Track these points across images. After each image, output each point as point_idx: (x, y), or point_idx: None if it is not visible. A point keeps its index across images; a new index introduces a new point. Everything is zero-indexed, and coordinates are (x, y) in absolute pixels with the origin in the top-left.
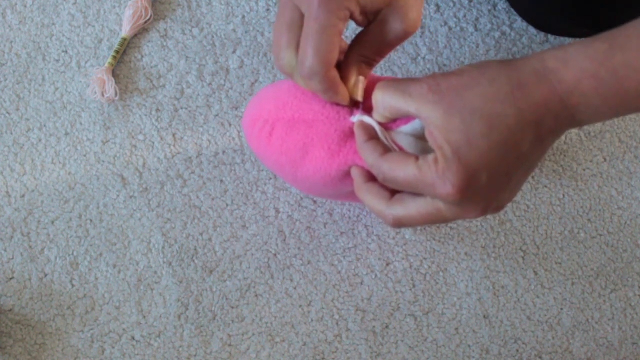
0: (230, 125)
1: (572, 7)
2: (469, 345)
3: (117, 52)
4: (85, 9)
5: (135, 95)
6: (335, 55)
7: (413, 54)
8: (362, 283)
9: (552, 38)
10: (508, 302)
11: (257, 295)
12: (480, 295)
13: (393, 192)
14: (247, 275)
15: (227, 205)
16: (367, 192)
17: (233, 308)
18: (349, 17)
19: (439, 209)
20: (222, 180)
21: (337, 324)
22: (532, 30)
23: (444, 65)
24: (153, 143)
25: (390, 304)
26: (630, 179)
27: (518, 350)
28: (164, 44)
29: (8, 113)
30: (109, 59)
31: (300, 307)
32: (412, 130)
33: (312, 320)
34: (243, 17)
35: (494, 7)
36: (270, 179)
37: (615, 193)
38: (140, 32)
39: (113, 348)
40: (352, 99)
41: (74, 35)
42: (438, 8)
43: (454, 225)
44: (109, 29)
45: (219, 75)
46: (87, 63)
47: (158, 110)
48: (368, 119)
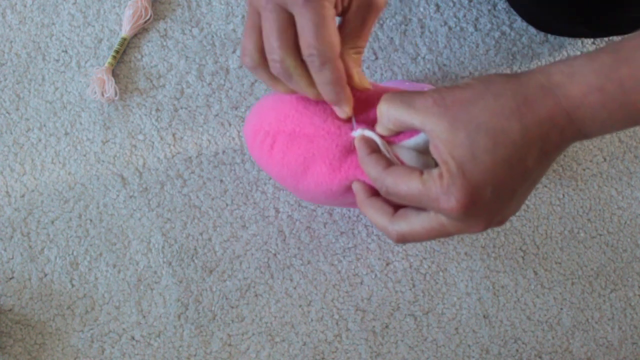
0: (230, 125)
1: (572, 7)
2: (469, 345)
3: (117, 52)
4: (85, 9)
5: (135, 95)
6: (339, 40)
7: (413, 54)
8: (362, 283)
9: (552, 38)
10: (508, 302)
11: (257, 295)
12: (480, 295)
13: (396, 207)
14: (247, 275)
15: (227, 205)
16: (370, 207)
17: (233, 308)
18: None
19: (443, 224)
20: (222, 180)
21: (337, 324)
22: (532, 30)
23: (444, 65)
24: (153, 143)
25: (390, 304)
26: (630, 179)
27: (518, 350)
28: (164, 44)
29: (8, 113)
30: (109, 59)
31: (300, 307)
32: (414, 145)
33: (312, 320)
34: (243, 17)
35: (494, 7)
36: (271, 179)
37: (615, 193)
38: (140, 32)
39: (113, 348)
40: (351, 111)
41: (74, 35)
42: (438, 8)
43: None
44: (109, 29)
45: (219, 75)
46: (87, 63)
47: (158, 110)
48: (370, 133)
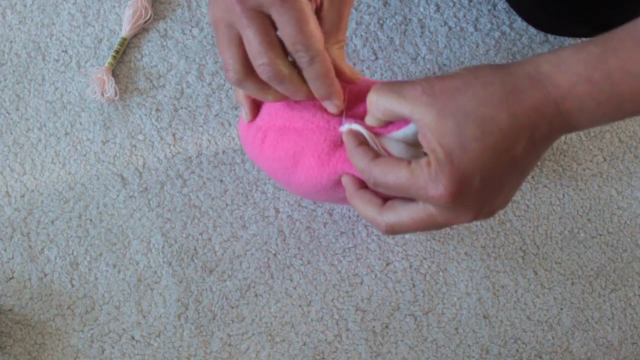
0: (230, 125)
1: (572, 7)
2: (469, 345)
3: (117, 52)
4: (85, 9)
5: (135, 95)
6: (322, 34)
7: (413, 54)
8: (362, 283)
9: (552, 38)
10: (508, 302)
11: (257, 295)
12: (480, 295)
13: (385, 200)
14: (247, 275)
15: (227, 205)
16: (359, 199)
17: (233, 308)
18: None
19: (431, 214)
20: (222, 180)
21: (337, 324)
22: (532, 30)
23: (444, 65)
24: (153, 143)
25: (390, 304)
26: (630, 179)
27: (518, 350)
28: (164, 44)
29: (8, 113)
30: (109, 59)
31: (300, 307)
32: (403, 137)
33: (312, 320)
34: None
35: (494, 7)
36: (271, 179)
37: (615, 193)
38: (140, 32)
39: (113, 348)
40: (342, 105)
41: (74, 35)
42: (438, 8)
43: (454, 226)
44: (109, 29)
45: (219, 75)
46: (87, 63)
47: (158, 110)
48: (357, 127)
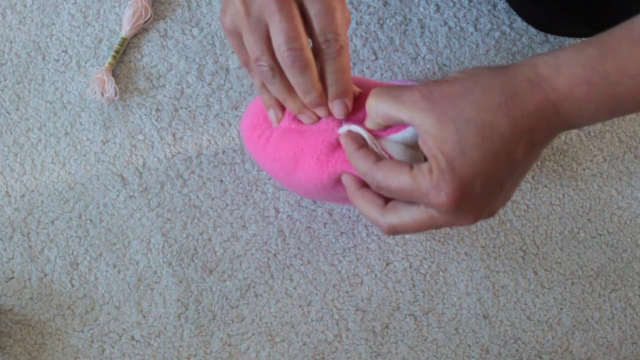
0: (230, 125)
1: (572, 7)
2: (469, 345)
3: (117, 52)
4: (85, 9)
5: (135, 95)
6: (302, 30)
7: (413, 54)
8: (362, 283)
9: (552, 38)
10: (508, 302)
11: (257, 295)
12: (480, 295)
13: (387, 198)
14: (247, 275)
15: (227, 205)
16: (361, 199)
17: (233, 308)
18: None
19: (433, 217)
20: (222, 180)
21: (337, 324)
22: (532, 30)
23: (444, 65)
24: (153, 143)
25: (390, 304)
26: (630, 179)
27: (518, 350)
28: (164, 44)
29: (8, 113)
30: (109, 59)
31: (300, 307)
32: (402, 139)
33: (312, 320)
34: None
35: (494, 7)
36: (270, 179)
37: (615, 193)
38: (140, 32)
39: (113, 348)
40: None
41: (74, 35)
42: (438, 8)
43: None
44: (109, 29)
45: (219, 75)
46: (87, 63)
47: (158, 110)
48: (356, 128)
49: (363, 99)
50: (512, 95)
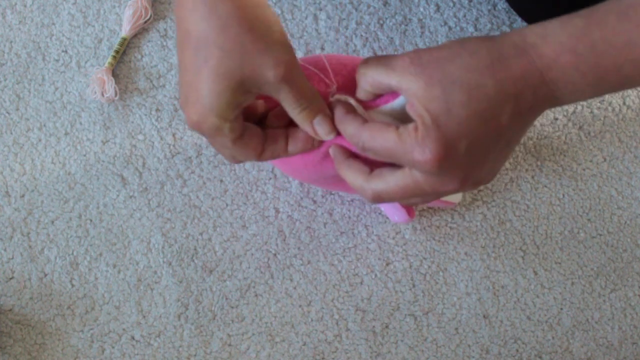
0: None
1: (572, 7)
2: (469, 345)
3: (117, 52)
4: (85, 9)
5: (135, 95)
6: (258, 147)
7: None
8: (362, 283)
9: None
10: (508, 302)
11: (257, 295)
12: (480, 295)
13: (372, 169)
14: (247, 275)
15: (227, 205)
16: (347, 167)
17: (233, 308)
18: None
19: (417, 181)
20: (222, 180)
21: (337, 324)
22: None
23: None
24: (153, 143)
25: (390, 304)
26: (630, 179)
27: (518, 350)
28: (164, 44)
29: (8, 113)
30: (109, 59)
31: (300, 307)
32: (390, 110)
33: (312, 320)
34: None
35: (494, 7)
36: (270, 179)
37: (615, 193)
38: (140, 32)
39: (113, 348)
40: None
41: (74, 35)
42: (438, 8)
43: (454, 225)
44: (109, 29)
45: None
46: (87, 63)
47: (158, 110)
48: (346, 97)
49: (352, 73)
50: (498, 58)
